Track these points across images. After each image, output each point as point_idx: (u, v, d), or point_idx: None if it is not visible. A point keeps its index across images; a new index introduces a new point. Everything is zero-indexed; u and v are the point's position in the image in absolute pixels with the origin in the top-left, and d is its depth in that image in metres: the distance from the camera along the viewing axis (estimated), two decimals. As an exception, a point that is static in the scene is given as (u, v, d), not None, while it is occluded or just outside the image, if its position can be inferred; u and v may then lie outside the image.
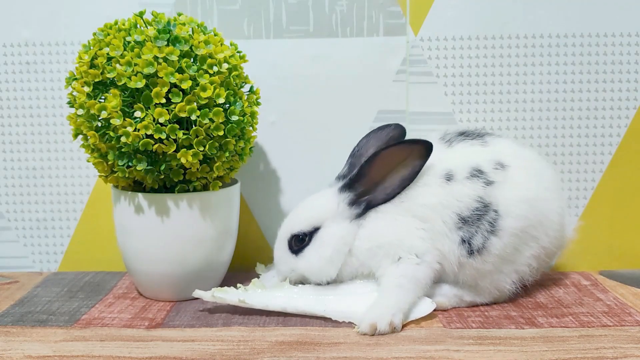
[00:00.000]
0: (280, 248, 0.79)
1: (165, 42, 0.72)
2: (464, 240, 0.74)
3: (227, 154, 0.76)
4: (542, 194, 0.76)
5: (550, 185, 0.78)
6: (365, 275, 0.77)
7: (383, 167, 0.75)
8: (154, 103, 0.72)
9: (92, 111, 0.73)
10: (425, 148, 0.74)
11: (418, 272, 0.73)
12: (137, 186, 0.79)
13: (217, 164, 0.76)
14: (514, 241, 0.74)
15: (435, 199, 0.74)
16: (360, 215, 0.76)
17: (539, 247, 0.76)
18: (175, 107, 0.72)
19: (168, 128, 0.72)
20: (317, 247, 0.76)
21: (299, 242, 0.77)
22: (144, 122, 0.71)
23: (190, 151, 0.73)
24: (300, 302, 0.75)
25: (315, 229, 0.77)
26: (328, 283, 0.77)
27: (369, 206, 0.76)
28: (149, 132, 0.72)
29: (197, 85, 0.73)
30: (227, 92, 0.75)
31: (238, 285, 0.78)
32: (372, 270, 0.76)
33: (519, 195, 0.74)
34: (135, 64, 0.71)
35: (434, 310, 0.75)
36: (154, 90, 0.71)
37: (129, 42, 0.73)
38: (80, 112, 0.74)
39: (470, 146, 0.77)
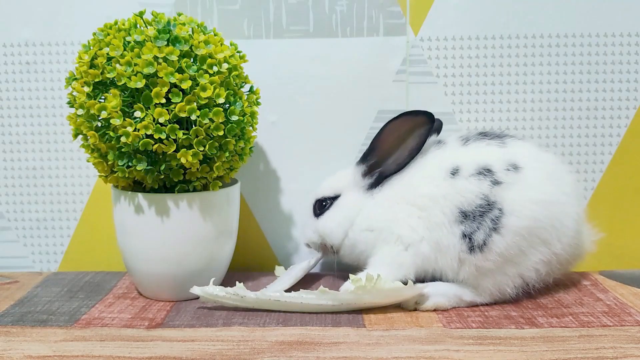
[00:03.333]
0: (307, 215, 0.86)
1: (165, 42, 0.72)
2: (465, 235, 0.74)
3: (227, 154, 0.76)
4: (558, 198, 0.75)
5: (569, 190, 0.77)
6: (360, 257, 0.81)
7: (391, 139, 0.80)
8: (154, 103, 0.72)
9: (92, 111, 0.73)
10: (427, 117, 0.78)
11: (400, 258, 0.78)
12: (137, 186, 0.79)
13: (217, 164, 0.76)
14: (519, 242, 0.73)
15: (436, 190, 0.76)
16: (373, 185, 0.81)
17: (550, 253, 0.75)
18: (175, 107, 0.72)
19: (168, 128, 0.72)
20: (334, 211, 0.83)
21: (321, 206, 0.84)
22: (144, 122, 0.71)
23: (190, 151, 0.73)
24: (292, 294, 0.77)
25: (337, 196, 0.84)
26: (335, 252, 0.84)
27: (382, 177, 0.81)
28: (149, 132, 0.71)
29: (197, 85, 0.73)
30: (227, 92, 0.75)
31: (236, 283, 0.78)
32: (364, 253, 0.81)
33: (528, 195, 0.74)
34: (135, 64, 0.71)
35: (434, 310, 0.76)
36: (154, 90, 0.71)
37: (129, 42, 0.73)
38: (80, 112, 0.74)
39: (486, 146, 0.78)
